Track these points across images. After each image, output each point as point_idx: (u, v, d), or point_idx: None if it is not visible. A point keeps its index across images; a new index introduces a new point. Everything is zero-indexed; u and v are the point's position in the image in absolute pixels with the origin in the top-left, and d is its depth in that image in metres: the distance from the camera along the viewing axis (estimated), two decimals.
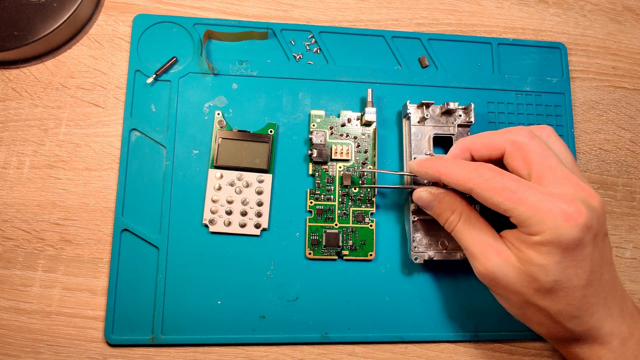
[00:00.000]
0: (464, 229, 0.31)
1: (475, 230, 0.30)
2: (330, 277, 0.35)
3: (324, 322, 0.35)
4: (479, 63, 0.40)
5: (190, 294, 0.34)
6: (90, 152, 0.36)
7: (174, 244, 0.35)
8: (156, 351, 0.33)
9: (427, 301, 0.36)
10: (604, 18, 0.44)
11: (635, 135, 0.42)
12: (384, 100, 0.39)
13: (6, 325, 0.33)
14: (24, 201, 0.35)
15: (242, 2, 0.40)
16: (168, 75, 0.37)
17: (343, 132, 0.37)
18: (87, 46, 0.37)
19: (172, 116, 0.36)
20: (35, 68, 0.37)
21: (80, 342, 0.33)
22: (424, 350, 0.35)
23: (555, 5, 0.43)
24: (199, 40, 0.38)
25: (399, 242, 0.36)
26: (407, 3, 0.41)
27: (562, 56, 0.41)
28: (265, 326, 0.34)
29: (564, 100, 0.40)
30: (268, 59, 0.38)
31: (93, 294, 0.34)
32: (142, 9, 0.38)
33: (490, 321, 0.36)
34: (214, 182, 0.35)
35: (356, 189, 0.36)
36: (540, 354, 0.36)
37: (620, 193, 0.40)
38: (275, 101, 0.38)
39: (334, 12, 0.41)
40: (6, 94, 0.36)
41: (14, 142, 0.35)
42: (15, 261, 0.34)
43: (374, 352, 0.35)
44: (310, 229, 0.36)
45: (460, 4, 0.42)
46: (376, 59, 0.39)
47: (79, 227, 0.35)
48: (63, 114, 0.36)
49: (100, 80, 0.37)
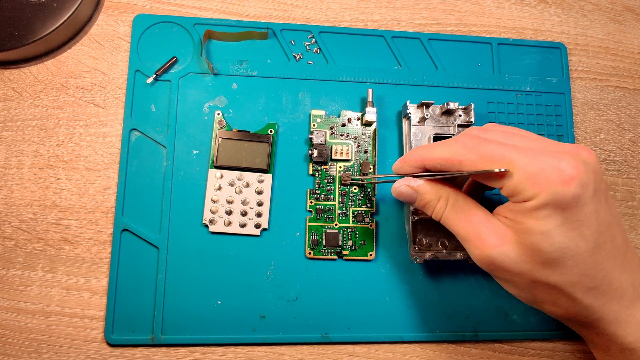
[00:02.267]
0: (452, 214, 0.29)
1: (465, 212, 0.28)
2: (330, 277, 0.35)
3: (324, 322, 0.35)
4: (479, 63, 0.40)
5: (190, 294, 0.34)
6: (90, 152, 0.36)
7: (174, 244, 0.35)
8: (156, 351, 0.33)
9: (426, 301, 0.36)
10: (604, 18, 0.44)
11: (635, 135, 0.42)
12: (384, 100, 0.39)
13: (6, 325, 0.33)
14: (24, 201, 0.35)
15: (242, 2, 0.40)
16: (168, 75, 0.37)
17: (343, 132, 0.37)
18: (87, 46, 0.37)
19: (172, 116, 0.36)
20: (35, 68, 0.37)
21: (80, 342, 0.33)
22: (424, 350, 0.35)
23: (555, 5, 0.43)
24: (199, 40, 0.38)
25: (399, 242, 0.36)
26: (407, 3, 0.41)
27: (562, 56, 0.41)
28: (265, 326, 0.34)
29: (564, 100, 0.40)
30: (268, 59, 0.38)
31: (93, 294, 0.34)
32: (142, 9, 0.38)
33: (490, 321, 0.36)
34: (214, 182, 0.35)
35: (356, 189, 0.36)
36: (540, 354, 0.36)
37: (620, 193, 0.40)
38: (275, 101, 0.38)
39: (334, 12, 0.41)
40: (6, 94, 0.36)
41: (14, 142, 0.35)
42: (15, 261, 0.34)
43: (374, 352, 0.35)
44: (310, 228, 0.36)
45: (460, 4, 0.42)
46: (376, 59, 0.39)
47: (79, 227, 0.35)
48: (63, 114, 0.36)
49: (100, 80, 0.37)
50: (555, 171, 0.24)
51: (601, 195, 0.25)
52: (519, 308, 0.36)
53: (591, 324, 0.27)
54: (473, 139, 0.27)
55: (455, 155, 0.27)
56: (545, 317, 0.36)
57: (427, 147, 0.29)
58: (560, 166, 0.24)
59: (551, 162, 0.24)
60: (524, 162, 0.25)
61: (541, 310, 0.28)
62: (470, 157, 0.26)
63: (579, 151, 0.26)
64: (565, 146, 0.26)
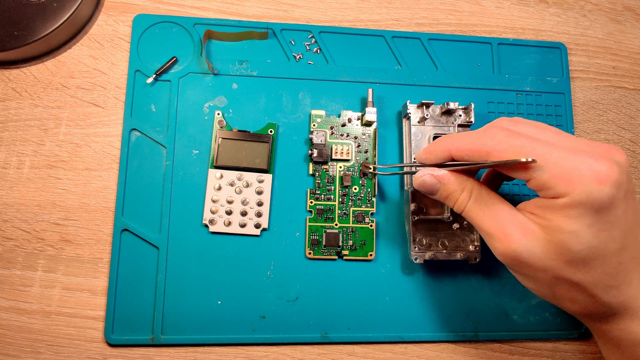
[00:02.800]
0: (476, 207, 0.28)
1: (489, 206, 0.27)
2: (330, 277, 0.35)
3: (324, 322, 0.35)
4: (479, 63, 0.40)
5: (190, 294, 0.34)
6: (90, 152, 0.36)
7: (174, 244, 0.35)
8: (156, 351, 0.33)
9: (427, 301, 0.36)
10: (604, 18, 0.44)
11: (635, 135, 0.42)
12: (384, 100, 0.39)
13: (6, 325, 0.33)
14: (24, 201, 0.35)
15: (242, 2, 0.40)
16: (168, 75, 0.37)
17: (343, 132, 0.37)
18: (87, 46, 0.37)
19: (172, 116, 0.36)
20: (35, 68, 0.37)
21: (80, 342, 0.33)
22: (424, 350, 0.35)
23: (555, 5, 0.43)
24: (199, 40, 0.38)
25: (399, 242, 0.36)
26: (407, 3, 0.41)
27: (562, 56, 0.41)
28: (265, 326, 0.34)
29: (564, 100, 0.40)
30: (268, 59, 0.38)
31: (93, 294, 0.34)
32: (142, 9, 0.38)
33: (489, 321, 0.36)
34: (214, 182, 0.35)
35: (356, 188, 0.36)
36: (540, 354, 0.36)
37: None
38: (275, 101, 0.38)
39: (334, 12, 0.41)
40: (6, 94, 0.36)
41: (14, 142, 0.35)
42: (15, 261, 0.34)
43: (374, 352, 0.35)
44: (310, 228, 0.36)
45: (460, 4, 0.42)
46: (376, 59, 0.39)
47: (79, 227, 0.35)
48: (63, 114, 0.36)
49: (100, 80, 0.37)
50: (591, 170, 0.23)
51: (630, 196, 0.25)
52: (519, 308, 0.36)
53: (606, 319, 0.26)
54: (503, 130, 0.26)
55: (484, 146, 0.26)
56: (545, 317, 0.36)
57: (455, 137, 0.29)
58: (596, 166, 0.23)
59: (586, 161, 0.24)
60: (556, 157, 0.24)
61: (557, 306, 0.28)
62: (500, 149, 0.26)
63: (611, 152, 0.25)
64: (597, 146, 0.26)
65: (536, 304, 0.37)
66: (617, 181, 0.23)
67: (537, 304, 0.37)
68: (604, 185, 0.23)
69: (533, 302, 0.37)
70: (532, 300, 0.37)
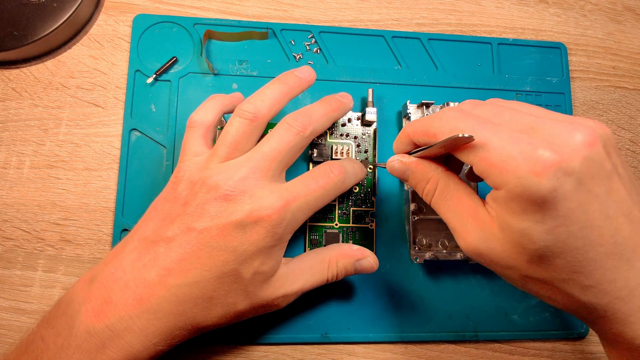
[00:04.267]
0: (441, 199, 0.26)
1: (454, 199, 0.25)
2: None
3: (324, 322, 0.35)
4: (479, 63, 0.40)
5: None
6: (90, 152, 0.36)
7: None
8: None
9: (427, 301, 0.36)
10: (604, 18, 0.44)
11: (635, 135, 0.42)
12: (384, 100, 0.39)
13: (6, 325, 0.33)
14: (24, 201, 0.35)
15: (242, 2, 0.40)
16: (168, 75, 0.37)
17: (343, 131, 0.37)
18: (87, 46, 0.37)
19: (172, 116, 0.36)
20: (35, 68, 0.37)
21: None
22: (424, 350, 0.35)
23: (555, 5, 0.43)
24: (199, 40, 0.38)
25: (399, 242, 0.36)
26: (407, 3, 0.41)
27: (562, 56, 0.41)
28: (266, 326, 0.34)
29: (564, 100, 0.40)
30: (268, 59, 0.38)
31: None
32: (142, 9, 0.38)
33: (490, 321, 0.36)
34: None
35: (356, 188, 0.36)
36: (540, 354, 0.36)
37: None
38: None
39: (334, 12, 0.41)
40: (6, 94, 0.36)
41: (14, 142, 0.35)
42: (15, 261, 0.34)
43: (374, 352, 0.35)
44: (310, 228, 0.36)
45: (460, 4, 0.42)
46: (376, 59, 0.39)
47: (79, 227, 0.35)
48: (63, 114, 0.36)
49: (100, 80, 0.37)
50: (527, 159, 0.20)
51: (595, 185, 0.21)
52: (519, 308, 0.36)
53: (595, 321, 0.24)
54: (454, 111, 0.24)
55: (431, 128, 0.24)
56: (545, 317, 0.36)
57: (413, 121, 0.27)
58: (536, 153, 0.20)
59: (526, 148, 0.21)
60: (498, 142, 0.21)
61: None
62: (444, 130, 0.24)
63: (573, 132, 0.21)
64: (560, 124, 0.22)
65: (536, 304, 0.37)
66: (559, 170, 0.20)
67: (537, 303, 0.37)
68: (541, 177, 0.20)
69: (533, 302, 0.37)
70: (531, 300, 0.37)
